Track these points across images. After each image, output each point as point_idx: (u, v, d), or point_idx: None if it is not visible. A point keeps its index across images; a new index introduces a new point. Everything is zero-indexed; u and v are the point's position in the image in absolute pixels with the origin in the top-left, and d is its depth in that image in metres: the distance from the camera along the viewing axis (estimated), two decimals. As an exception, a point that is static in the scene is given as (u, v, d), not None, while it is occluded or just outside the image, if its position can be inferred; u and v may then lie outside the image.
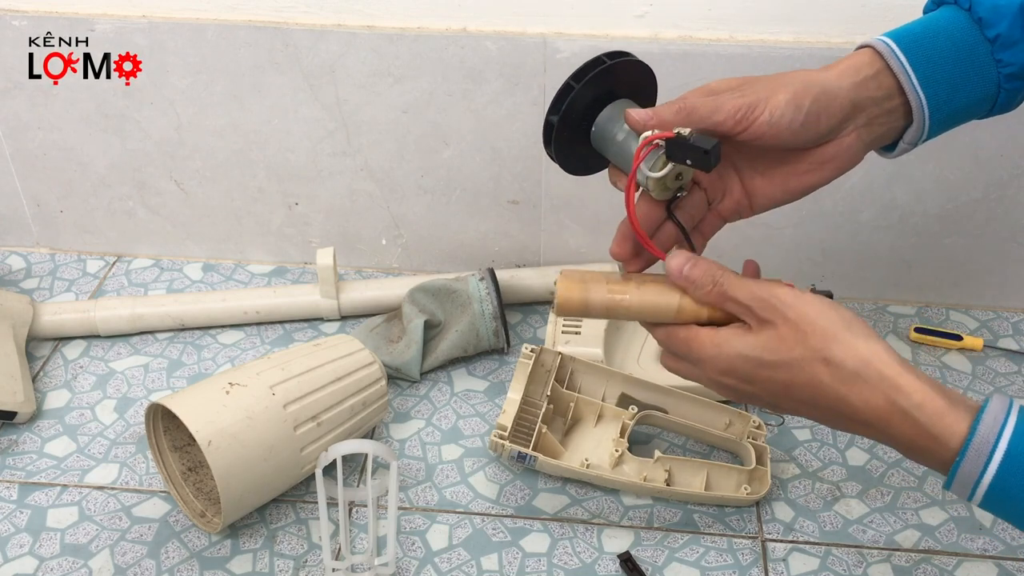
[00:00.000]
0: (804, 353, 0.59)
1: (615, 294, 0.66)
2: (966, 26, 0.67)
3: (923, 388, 0.56)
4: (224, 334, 1.07)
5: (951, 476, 0.56)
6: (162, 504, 0.88)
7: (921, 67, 0.66)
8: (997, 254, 1.06)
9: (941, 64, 0.66)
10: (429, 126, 1.05)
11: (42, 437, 0.95)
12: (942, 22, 0.68)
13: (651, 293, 0.65)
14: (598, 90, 0.68)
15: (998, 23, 0.65)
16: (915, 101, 0.66)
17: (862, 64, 0.67)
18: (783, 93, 0.63)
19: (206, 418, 0.79)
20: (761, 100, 0.63)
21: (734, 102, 0.63)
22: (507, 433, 0.87)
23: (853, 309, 1.10)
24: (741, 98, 0.63)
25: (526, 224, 1.11)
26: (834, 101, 0.65)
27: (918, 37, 0.67)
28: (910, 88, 0.66)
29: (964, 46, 0.66)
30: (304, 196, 1.12)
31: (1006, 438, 0.54)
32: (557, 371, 0.92)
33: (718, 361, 0.62)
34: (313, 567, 0.82)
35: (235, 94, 1.05)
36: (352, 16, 1.00)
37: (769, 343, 0.60)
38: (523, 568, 0.82)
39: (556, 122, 0.68)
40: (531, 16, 0.98)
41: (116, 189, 1.14)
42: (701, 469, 0.87)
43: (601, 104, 0.68)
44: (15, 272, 1.17)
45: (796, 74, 0.66)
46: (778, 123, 0.63)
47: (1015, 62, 0.66)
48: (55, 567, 0.82)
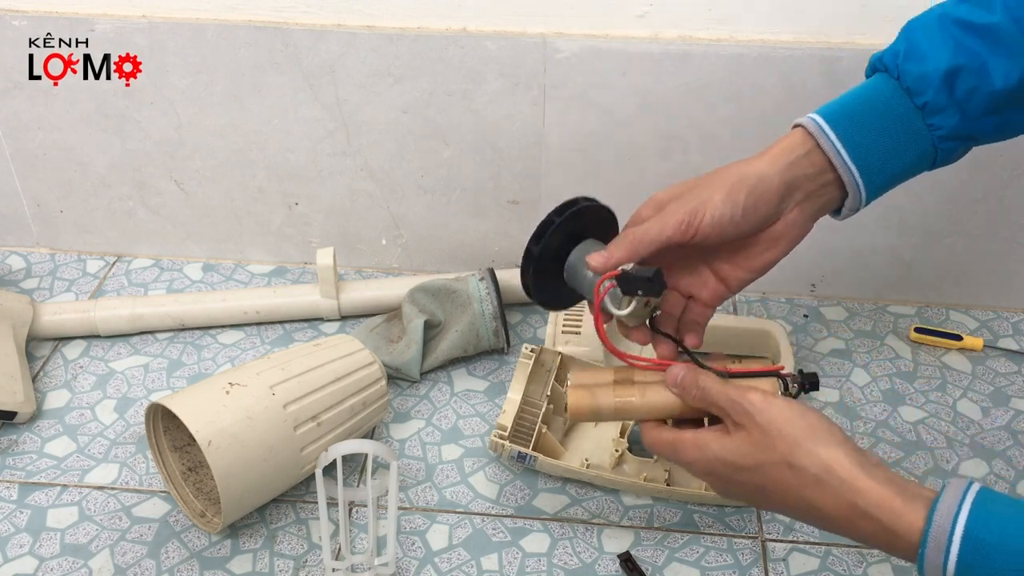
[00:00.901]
0: (772, 457, 0.64)
1: (621, 398, 0.73)
2: (896, 94, 0.70)
3: (880, 489, 0.60)
4: (224, 334, 1.07)
5: (920, 567, 0.59)
6: (162, 504, 0.88)
7: (852, 141, 0.70)
8: (997, 254, 1.06)
9: (872, 135, 0.70)
10: (429, 126, 1.05)
11: (42, 437, 0.95)
12: (873, 92, 0.71)
13: (653, 394, 0.72)
14: (570, 229, 0.74)
15: (925, 91, 0.69)
16: (847, 175, 0.70)
17: (794, 145, 0.70)
18: (718, 193, 0.69)
19: (206, 418, 0.79)
20: (700, 205, 0.68)
21: (676, 216, 0.68)
22: (507, 433, 0.87)
23: (854, 308, 1.10)
24: (682, 209, 0.69)
25: (526, 224, 1.11)
26: (768, 188, 0.69)
27: (849, 110, 0.71)
28: (840, 164, 0.70)
29: (895, 114, 0.70)
30: (304, 196, 1.12)
31: (961, 524, 0.57)
32: (557, 371, 0.92)
33: (700, 463, 0.68)
34: (313, 567, 0.82)
35: (235, 94, 1.05)
36: (352, 16, 1.00)
37: (742, 447, 0.66)
38: (523, 568, 0.82)
39: (537, 252, 0.73)
40: (531, 16, 0.98)
41: (116, 189, 1.14)
42: None
43: (571, 244, 0.74)
44: (15, 272, 1.17)
45: (731, 169, 0.70)
46: (720, 222, 0.68)
47: (945, 125, 0.70)
48: (55, 567, 0.82)
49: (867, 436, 0.94)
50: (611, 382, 0.74)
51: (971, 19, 0.69)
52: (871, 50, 0.94)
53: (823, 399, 0.98)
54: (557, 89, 1.00)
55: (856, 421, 0.96)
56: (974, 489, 0.58)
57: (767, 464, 0.64)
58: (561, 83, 1.00)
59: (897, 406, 0.98)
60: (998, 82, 0.68)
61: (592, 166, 1.05)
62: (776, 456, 0.64)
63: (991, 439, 0.94)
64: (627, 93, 1.00)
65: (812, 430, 0.64)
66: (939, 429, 0.95)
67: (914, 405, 0.98)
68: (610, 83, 0.99)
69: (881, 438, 0.94)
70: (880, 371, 1.02)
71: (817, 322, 1.09)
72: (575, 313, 1.01)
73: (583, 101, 1.01)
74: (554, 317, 1.01)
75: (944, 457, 0.92)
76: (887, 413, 0.97)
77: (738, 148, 1.01)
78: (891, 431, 0.95)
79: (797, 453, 0.63)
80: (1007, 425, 0.95)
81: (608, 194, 1.07)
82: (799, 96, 0.98)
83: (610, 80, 0.99)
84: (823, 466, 0.62)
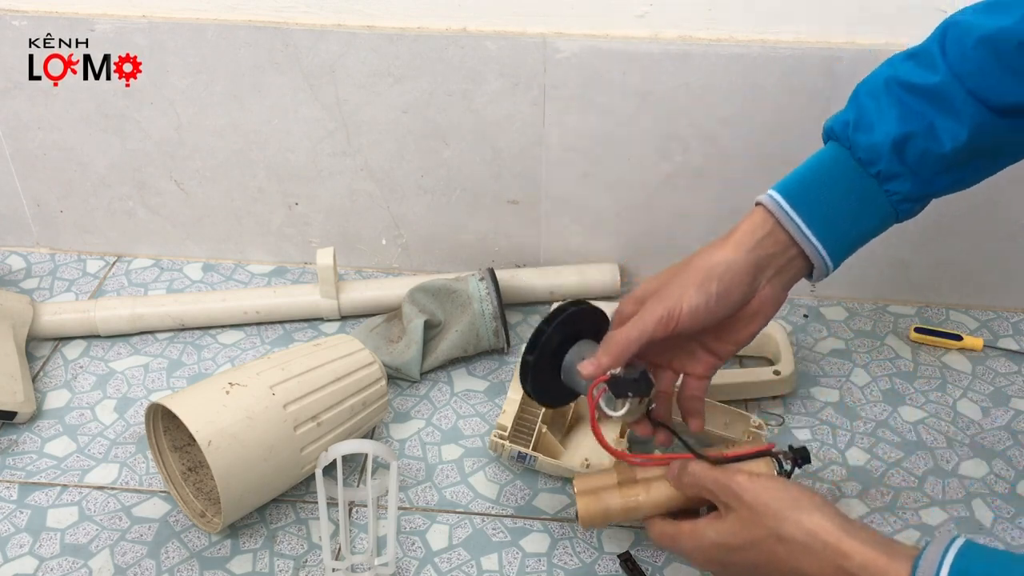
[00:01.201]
0: (761, 533, 0.67)
1: (628, 498, 0.76)
2: (850, 164, 0.72)
3: (864, 550, 0.62)
4: (224, 334, 1.07)
5: None
6: (162, 504, 0.88)
7: (813, 216, 0.72)
8: (997, 254, 1.06)
9: (832, 207, 0.72)
10: (429, 126, 1.05)
11: (42, 437, 0.95)
12: (828, 163, 0.73)
13: (658, 490, 0.75)
14: (561, 334, 0.78)
15: (877, 161, 0.71)
16: (811, 250, 0.73)
17: (756, 226, 0.73)
18: (691, 287, 0.72)
19: (206, 418, 0.79)
20: (676, 302, 0.72)
21: (655, 314, 0.72)
22: (507, 433, 0.87)
23: (854, 308, 1.10)
24: (660, 306, 0.72)
25: (526, 224, 1.11)
26: (737, 273, 0.73)
27: (807, 184, 0.73)
28: (803, 240, 0.72)
29: (852, 185, 0.72)
30: (304, 196, 1.12)
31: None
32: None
33: (698, 553, 0.71)
34: (313, 567, 0.82)
35: (235, 94, 1.05)
36: (352, 16, 1.00)
37: (733, 527, 0.69)
38: (523, 568, 0.82)
39: (533, 361, 0.77)
40: (531, 16, 0.98)
41: (116, 189, 1.14)
42: None
43: (567, 345, 0.78)
44: (15, 272, 1.17)
45: (701, 259, 0.73)
46: (696, 313, 0.72)
47: (901, 191, 0.72)
48: (55, 567, 0.82)
49: (867, 436, 0.94)
50: (616, 483, 0.77)
51: (916, 81, 0.70)
52: (871, 50, 0.95)
53: (823, 399, 0.98)
54: (557, 89, 1.00)
55: (856, 421, 0.96)
56: (957, 544, 0.59)
57: (758, 540, 0.67)
58: (561, 83, 1.00)
59: (897, 406, 0.98)
60: (947, 144, 0.70)
61: (592, 166, 1.05)
62: (764, 531, 0.66)
63: (991, 439, 0.94)
64: (627, 93, 1.00)
65: (795, 501, 0.66)
66: (939, 429, 0.95)
67: (914, 405, 0.98)
68: (610, 83, 0.99)
69: (881, 438, 0.94)
70: (880, 371, 1.02)
71: (817, 322, 1.09)
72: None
73: (583, 101, 1.01)
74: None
75: (944, 457, 0.92)
76: (887, 413, 0.97)
77: (738, 148, 1.02)
78: (891, 431, 0.95)
79: (784, 525, 0.66)
80: (1007, 425, 0.95)
81: (608, 193, 1.07)
82: (799, 96, 0.98)
83: (610, 80, 0.99)
84: (809, 533, 0.64)
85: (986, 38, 0.68)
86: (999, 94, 0.69)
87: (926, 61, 0.71)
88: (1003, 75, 0.68)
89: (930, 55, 0.71)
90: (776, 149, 1.01)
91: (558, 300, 1.07)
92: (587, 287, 1.10)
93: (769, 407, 0.97)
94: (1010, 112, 0.69)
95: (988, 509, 0.87)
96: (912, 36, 0.94)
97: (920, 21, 0.94)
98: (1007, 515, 0.86)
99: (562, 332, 0.78)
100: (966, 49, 0.69)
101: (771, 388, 0.97)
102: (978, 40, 0.68)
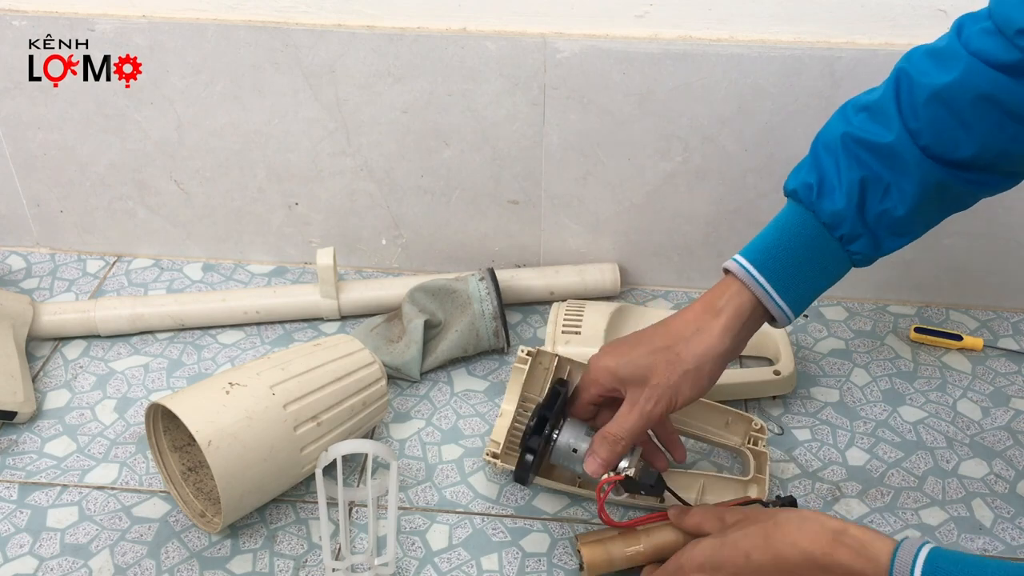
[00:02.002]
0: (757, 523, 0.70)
1: (631, 547, 0.79)
2: (816, 227, 0.75)
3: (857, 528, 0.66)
4: (224, 334, 1.07)
5: None
6: (162, 504, 0.88)
7: (780, 279, 0.75)
8: (997, 254, 1.06)
9: (798, 267, 0.75)
10: (429, 126, 1.05)
11: (42, 437, 0.95)
12: (794, 227, 0.76)
13: (657, 536, 0.79)
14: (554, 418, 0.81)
15: (840, 225, 0.74)
16: (777, 312, 0.76)
17: (738, 306, 0.75)
18: (686, 385, 0.75)
19: (206, 418, 0.79)
20: (670, 399, 0.75)
21: (655, 412, 0.76)
22: (500, 450, 0.86)
23: (854, 308, 1.10)
24: (656, 406, 0.75)
25: (526, 224, 1.11)
26: (725, 361, 0.76)
27: (774, 251, 0.75)
28: (771, 304, 0.75)
29: (816, 246, 0.75)
30: (304, 196, 1.12)
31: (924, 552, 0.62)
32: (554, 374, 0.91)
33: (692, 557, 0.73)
34: (313, 567, 0.82)
35: (235, 94, 1.05)
36: (352, 16, 1.00)
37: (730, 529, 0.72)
38: (523, 568, 0.82)
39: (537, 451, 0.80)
40: (531, 16, 0.98)
41: (116, 189, 1.14)
42: (696, 481, 0.87)
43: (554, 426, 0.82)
44: (15, 272, 1.17)
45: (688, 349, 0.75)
46: (688, 401, 0.77)
47: (862, 251, 0.75)
48: (55, 567, 0.82)
49: (867, 436, 0.94)
50: (618, 534, 0.80)
51: (871, 139, 0.72)
52: (871, 50, 0.95)
53: (823, 399, 0.98)
54: (557, 89, 1.00)
55: (856, 421, 0.96)
56: (927, 548, 0.62)
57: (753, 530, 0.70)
58: (561, 83, 1.00)
59: (897, 406, 0.98)
60: (901, 209, 0.73)
61: (592, 166, 1.05)
62: (761, 520, 0.70)
63: (991, 439, 0.94)
64: (627, 93, 1.00)
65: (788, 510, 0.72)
66: (939, 429, 0.95)
67: (914, 405, 0.98)
68: (610, 83, 0.99)
69: (881, 438, 0.94)
70: (880, 371, 1.02)
71: (817, 322, 1.09)
72: (575, 313, 1.01)
73: (583, 101, 1.01)
74: (554, 317, 1.01)
75: (944, 457, 0.92)
76: (887, 413, 0.97)
77: (738, 148, 1.02)
78: (891, 431, 0.95)
79: (780, 513, 0.70)
80: (1007, 425, 0.95)
81: (608, 193, 1.07)
82: (799, 96, 0.98)
83: (610, 80, 0.99)
84: (805, 516, 0.69)
85: (936, 95, 0.70)
86: (951, 149, 0.71)
87: (881, 117, 0.72)
88: (956, 130, 0.70)
89: (884, 111, 0.72)
90: (776, 149, 1.01)
91: (558, 300, 1.07)
92: (587, 287, 1.10)
93: (769, 407, 0.97)
94: (962, 166, 0.71)
95: (988, 509, 0.87)
96: (912, 36, 0.94)
97: (920, 21, 0.94)
98: (1007, 515, 0.86)
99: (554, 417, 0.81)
100: (918, 106, 0.71)
101: (771, 388, 0.97)
102: (929, 97, 0.70)
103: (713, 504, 0.81)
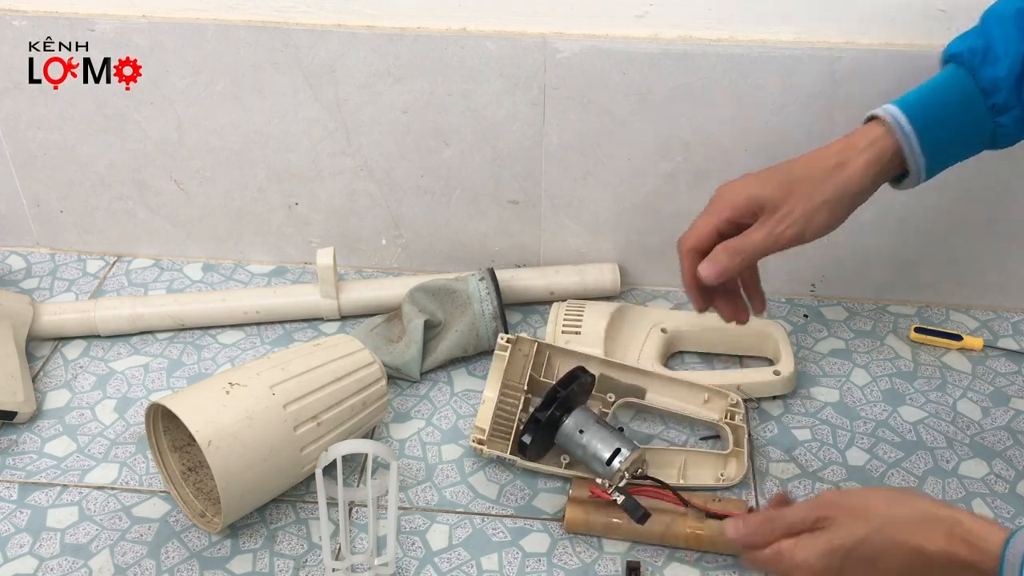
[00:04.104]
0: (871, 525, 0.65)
1: (610, 518, 0.82)
2: (973, 92, 0.74)
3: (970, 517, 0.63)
4: (224, 334, 1.07)
5: None
6: (162, 504, 0.88)
7: (927, 136, 0.73)
8: (997, 254, 1.06)
9: (945, 129, 0.74)
10: (429, 126, 1.05)
11: (42, 437, 0.95)
12: (950, 87, 0.75)
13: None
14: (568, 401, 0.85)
15: (997, 92, 0.73)
16: (914, 164, 0.75)
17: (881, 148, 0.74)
18: (822, 212, 0.74)
19: (206, 418, 0.79)
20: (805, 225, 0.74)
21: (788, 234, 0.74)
22: (485, 436, 0.87)
23: (854, 308, 1.10)
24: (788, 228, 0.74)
25: (526, 224, 1.11)
26: (862, 197, 0.75)
27: (928, 106, 0.74)
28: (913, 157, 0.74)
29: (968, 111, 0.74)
30: (304, 196, 1.12)
31: None
32: (534, 359, 0.91)
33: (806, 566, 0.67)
34: (313, 567, 0.82)
35: (235, 94, 1.05)
36: (352, 16, 1.00)
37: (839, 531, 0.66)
38: (523, 568, 0.82)
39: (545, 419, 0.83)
40: (531, 16, 0.98)
41: (116, 189, 1.14)
42: (677, 457, 0.89)
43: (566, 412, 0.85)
44: (15, 272, 1.17)
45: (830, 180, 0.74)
46: (819, 234, 0.75)
47: (1010, 125, 0.74)
48: (55, 567, 0.82)
49: (867, 436, 0.94)
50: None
51: None
52: (871, 50, 0.95)
53: (823, 399, 0.98)
54: (557, 89, 1.00)
55: (856, 421, 0.96)
56: None
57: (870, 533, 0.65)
58: (561, 83, 1.00)
59: (897, 406, 0.98)
60: None
61: (592, 166, 1.05)
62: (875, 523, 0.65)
63: (991, 439, 0.94)
64: (627, 93, 1.00)
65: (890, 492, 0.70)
66: (939, 429, 0.95)
67: (914, 405, 0.98)
68: (610, 83, 0.99)
69: (881, 438, 0.94)
70: (880, 371, 1.02)
71: (817, 322, 1.09)
72: (575, 313, 1.01)
73: (583, 101, 1.01)
74: (554, 317, 1.01)
75: (944, 457, 0.92)
76: (887, 413, 0.97)
77: (738, 148, 1.02)
78: (891, 431, 0.95)
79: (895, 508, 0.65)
80: (1007, 425, 0.95)
81: (608, 193, 1.07)
82: (799, 96, 0.98)
83: (610, 80, 0.99)
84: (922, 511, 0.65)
85: None
86: None
87: None
88: None
89: None
90: (776, 149, 1.01)
91: (558, 300, 1.07)
92: (587, 287, 1.10)
93: (769, 407, 0.97)
94: None
95: (988, 509, 0.87)
96: (912, 36, 0.94)
97: (920, 21, 0.94)
98: (1007, 515, 0.86)
99: (568, 399, 0.84)
100: None
101: (771, 388, 0.97)
102: None
103: (702, 507, 0.81)
